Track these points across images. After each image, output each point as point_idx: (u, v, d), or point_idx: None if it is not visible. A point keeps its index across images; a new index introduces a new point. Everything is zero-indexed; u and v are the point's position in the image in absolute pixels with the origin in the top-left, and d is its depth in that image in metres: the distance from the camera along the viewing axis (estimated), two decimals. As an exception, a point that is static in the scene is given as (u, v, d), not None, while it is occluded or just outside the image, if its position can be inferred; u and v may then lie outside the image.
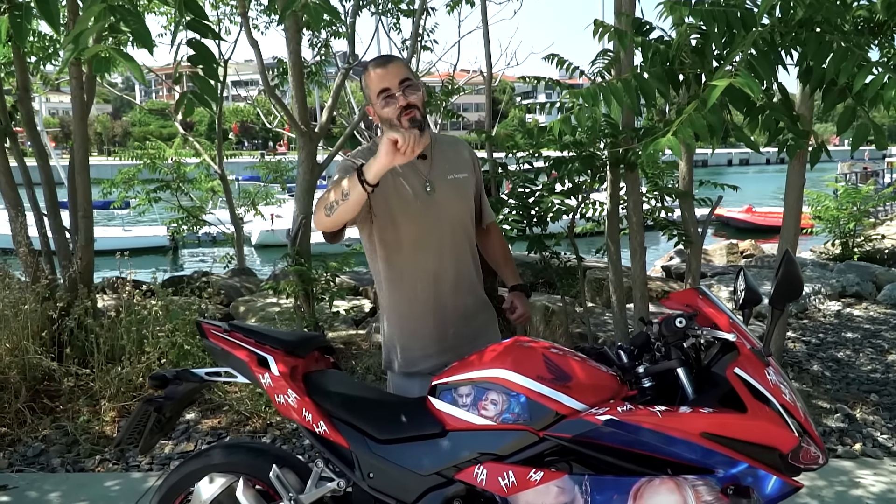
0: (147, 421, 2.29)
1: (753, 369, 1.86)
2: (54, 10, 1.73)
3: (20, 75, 5.31)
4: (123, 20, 1.54)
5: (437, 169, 2.39)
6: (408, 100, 2.26)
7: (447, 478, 1.98)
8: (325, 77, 8.01)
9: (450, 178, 2.41)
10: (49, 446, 3.85)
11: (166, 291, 4.77)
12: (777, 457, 1.83)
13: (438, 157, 2.42)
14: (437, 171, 2.39)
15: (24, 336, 4.25)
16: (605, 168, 4.41)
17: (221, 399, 4.31)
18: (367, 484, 2.04)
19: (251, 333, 2.28)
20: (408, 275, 2.39)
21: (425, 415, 2.06)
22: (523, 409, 1.92)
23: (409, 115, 2.26)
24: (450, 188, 2.40)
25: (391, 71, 2.28)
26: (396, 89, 2.26)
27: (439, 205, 2.37)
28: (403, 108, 2.26)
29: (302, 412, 2.11)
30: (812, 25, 2.36)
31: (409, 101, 2.26)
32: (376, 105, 2.30)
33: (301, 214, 4.91)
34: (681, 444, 1.82)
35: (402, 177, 2.35)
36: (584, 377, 1.96)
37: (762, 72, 2.22)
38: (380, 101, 2.28)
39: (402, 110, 2.26)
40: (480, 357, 2.06)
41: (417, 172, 2.37)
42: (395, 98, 2.26)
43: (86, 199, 5.09)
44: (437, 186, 2.37)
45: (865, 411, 4.23)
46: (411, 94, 2.27)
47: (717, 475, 1.81)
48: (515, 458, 1.92)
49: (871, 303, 6.73)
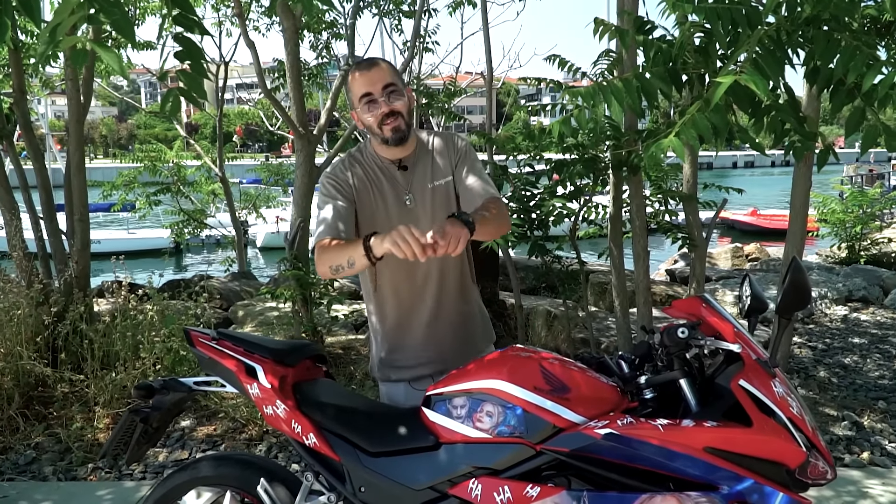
0: (133, 431, 2.23)
1: (759, 381, 1.79)
2: (35, 5, 1.67)
3: (16, 77, 5.26)
4: (103, 10, 1.47)
5: (417, 179, 2.25)
6: (391, 106, 2.12)
7: (441, 492, 1.91)
8: (327, 79, 7.95)
9: (430, 186, 2.25)
10: (41, 454, 3.79)
11: (162, 296, 4.71)
12: (784, 472, 1.75)
13: (420, 165, 2.27)
14: (417, 182, 2.25)
15: (18, 341, 4.19)
16: (607, 171, 4.34)
17: (217, 406, 4.24)
18: (358, 499, 1.97)
19: (240, 342, 2.21)
20: (392, 286, 2.29)
21: (419, 427, 1.99)
22: (520, 421, 1.85)
23: (392, 125, 2.13)
24: (431, 197, 2.26)
25: (375, 75, 2.13)
26: (379, 94, 2.12)
27: (419, 217, 2.23)
28: (386, 114, 2.13)
29: (291, 424, 2.04)
30: (820, 23, 2.28)
31: (393, 108, 2.12)
32: (358, 110, 2.17)
33: (299, 218, 4.85)
34: (683, 458, 1.75)
35: (382, 192, 2.24)
36: (583, 388, 1.89)
37: (769, 70, 2.14)
38: (361, 106, 2.14)
39: (383, 117, 2.13)
40: (475, 367, 1.99)
41: (397, 185, 2.25)
42: (377, 104, 2.13)
43: (82, 202, 5.04)
44: (418, 198, 2.24)
45: (873, 419, 4.14)
46: (395, 100, 2.13)
47: (721, 492, 1.73)
48: (511, 472, 1.84)
49: (878, 307, 6.63)
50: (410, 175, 2.25)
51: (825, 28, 2.25)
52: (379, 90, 2.12)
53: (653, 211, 4.93)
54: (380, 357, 2.37)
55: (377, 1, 6.73)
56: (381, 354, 2.37)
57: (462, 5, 7.07)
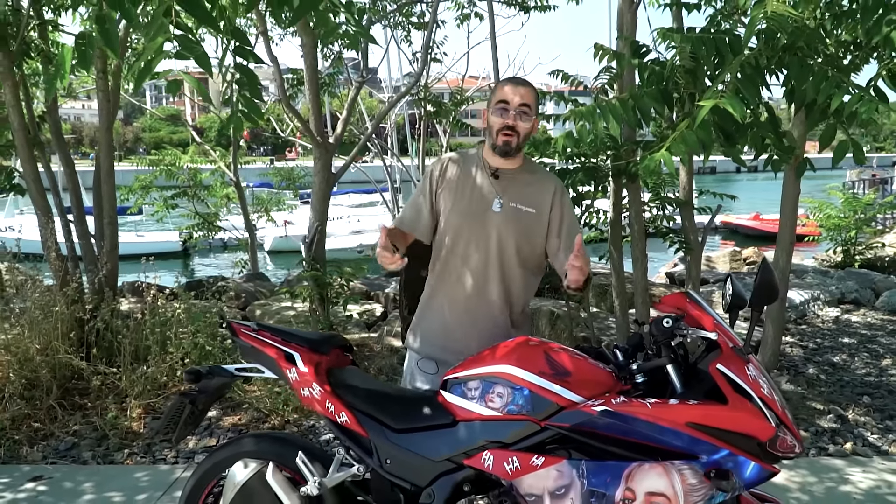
0: (182, 412, 2.50)
1: (734, 366, 2.06)
2: (114, 37, 1.95)
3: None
4: (185, 48, 1.75)
5: (507, 193, 2.53)
6: (515, 123, 2.43)
7: (457, 463, 2.18)
8: (337, 86, 8.24)
9: (512, 205, 2.51)
10: (80, 440, 4.07)
11: (188, 295, 4.99)
12: (756, 445, 2.02)
13: (514, 183, 2.54)
14: (507, 195, 2.52)
15: (55, 337, 4.48)
16: (607, 178, 4.62)
17: (241, 398, 4.52)
18: (384, 469, 2.24)
19: (278, 332, 2.49)
20: (452, 267, 2.58)
21: (437, 407, 2.26)
22: (527, 401, 2.12)
23: (506, 138, 2.44)
24: (511, 215, 2.52)
25: (520, 91, 2.43)
26: (513, 108, 2.42)
27: (502, 222, 2.51)
28: (508, 126, 2.42)
29: (325, 404, 2.32)
30: (794, 50, 2.56)
31: (516, 125, 2.43)
32: (490, 110, 2.47)
33: (316, 222, 5.13)
34: (669, 432, 2.01)
35: (472, 188, 2.53)
36: (583, 373, 2.16)
37: (747, 94, 2.43)
38: (494, 109, 2.44)
39: (505, 127, 2.42)
40: (488, 354, 2.26)
41: (486, 187, 2.52)
42: (507, 113, 2.42)
43: (111, 205, 5.33)
44: (506, 206, 2.52)
45: (857, 412, 4.40)
46: (522, 120, 2.44)
47: (700, 461, 2.00)
48: (519, 445, 2.11)
49: (869, 309, 6.89)
50: (502, 186, 2.53)
51: (799, 55, 2.54)
52: (516, 104, 2.43)
53: (651, 216, 5.22)
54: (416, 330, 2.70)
55: (388, 14, 7.01)
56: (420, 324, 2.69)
57: (469, 17, 7.36)
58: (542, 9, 6.95)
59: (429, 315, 2.69)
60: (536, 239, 2.57)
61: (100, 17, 1.87)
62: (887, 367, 5.25)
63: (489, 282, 2.56)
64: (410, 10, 7.07)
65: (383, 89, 12.14)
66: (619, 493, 2.02)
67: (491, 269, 2.56)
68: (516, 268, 2.57)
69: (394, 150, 11.16)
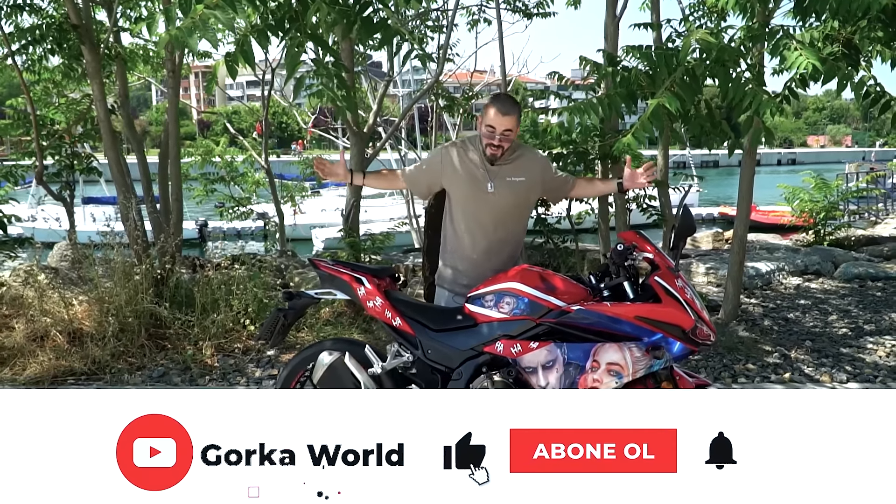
0: (277, 323, 3.48)
1: (668, 278, 3.02)
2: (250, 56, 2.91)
3: (121, 84, 6.52)
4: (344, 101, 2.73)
5: (501, 174, 3.33)
6: (500, 143, 3.23)
7: (478, 351, 3.15)
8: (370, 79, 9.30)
9: (507, 180, 3.32)
10: (168, 370, 5.06)
11: (247, 256, 5.97)
12: (681, 331, 2.98)
13: (505, 164, 3.33)
14: (500, 175, 3.32)
15: (140, 290, 5.46)
16: (595, 160, 5.62)
17: (294, 341, 5.51)
18: (426, 358, 3.22)
19: (347, 265, 3.47)
20: (464, 231, 3.47)
21: (464, 314, 3.24)
22: (527, 306, 3.08)
23: (493, 152, 3.26)
24: (507, 188, 3.32)
25: (505, 120, 3.17)
26: (498, 133, 3.19)
27: (496, 198, 3.34)
28: (494, 144, 3.23)
29: (384, 312, 3.29)
30: (722, 61, 3.52)
31: (501, 145, 3.24)
32: (482, 124, 3.25)
33: (353, 198, 6.12)
34: (622, 323, 2.99)
35: (471, 171, 3.37)
36: (566, 287, 3.13)
37: (685, 95, 3.40)
38: (484, 127, 3.23)
39: (490, 144, 3.24)
40: (501, 276, 3.23)
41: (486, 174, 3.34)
42: (493, 135, 3.20)
43: (177, 185, 6.32)
44: (497, 186, 3.32)
45: (799, 353, 5.37)
46: (505, 141, 3.23)
47: (643, 341, 2.98)
48: (521, 336, 3.08)
49: (827, 279, 7.86)
50: (496, 169, 3.34)
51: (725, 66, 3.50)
52: (500, 130, 3.21)
53: (633, 195, 6.21)
54: (447, 272, 3.57)
55: (408, 20, 7.97)
56: (448, 270, 3.57)
57: (479, 22, 8.32)
58: (544, 15, 7.90)
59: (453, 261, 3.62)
60: (531, 196, 3.51)
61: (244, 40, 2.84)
62: (832, 321, 6.21)
63: (497, 229, 3.50)
64: (427, 16, 8.03)
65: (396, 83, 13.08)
66: (588, 363, 3.00)
67: (498, 224, 3.49)
68: (514, 221, 3.49)
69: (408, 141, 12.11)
